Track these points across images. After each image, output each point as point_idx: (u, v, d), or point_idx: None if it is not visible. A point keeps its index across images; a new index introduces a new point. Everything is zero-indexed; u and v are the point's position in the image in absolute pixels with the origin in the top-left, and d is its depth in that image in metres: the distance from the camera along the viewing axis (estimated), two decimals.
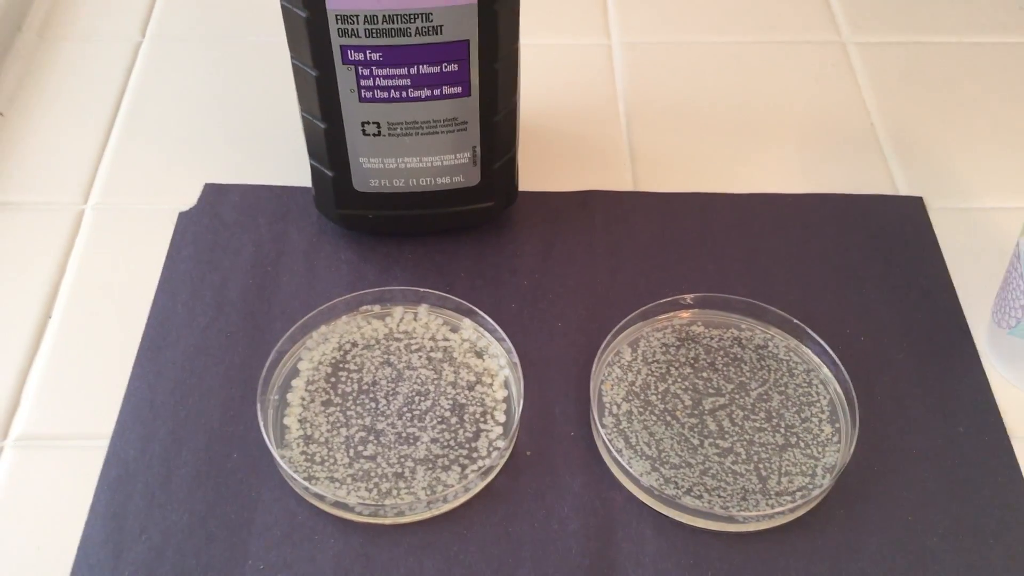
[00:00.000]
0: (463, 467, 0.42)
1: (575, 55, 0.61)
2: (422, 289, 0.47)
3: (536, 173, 0.53)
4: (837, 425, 0.43)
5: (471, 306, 0.46)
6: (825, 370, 0.45)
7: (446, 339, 0.46)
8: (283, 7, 0.41)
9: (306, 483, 0.40)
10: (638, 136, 0.56)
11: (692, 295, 0.46)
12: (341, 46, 0.41)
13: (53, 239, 0.50)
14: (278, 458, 0.41)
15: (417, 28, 0.40)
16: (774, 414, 0.43)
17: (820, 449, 0.42)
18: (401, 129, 0.44)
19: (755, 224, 0.52)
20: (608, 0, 0.64)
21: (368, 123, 0.44)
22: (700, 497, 0.40)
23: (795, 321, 0.45)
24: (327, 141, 0.45)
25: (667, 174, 0.54)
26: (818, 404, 0.44)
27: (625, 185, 0.54)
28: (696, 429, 0.43)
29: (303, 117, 0.46)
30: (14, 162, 0.53)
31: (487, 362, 0.45)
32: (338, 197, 0.48)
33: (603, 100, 0.58)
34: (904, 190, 0.54)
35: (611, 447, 0.41)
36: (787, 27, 0.63)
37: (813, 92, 0.59)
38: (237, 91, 0.58)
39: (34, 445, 0.43)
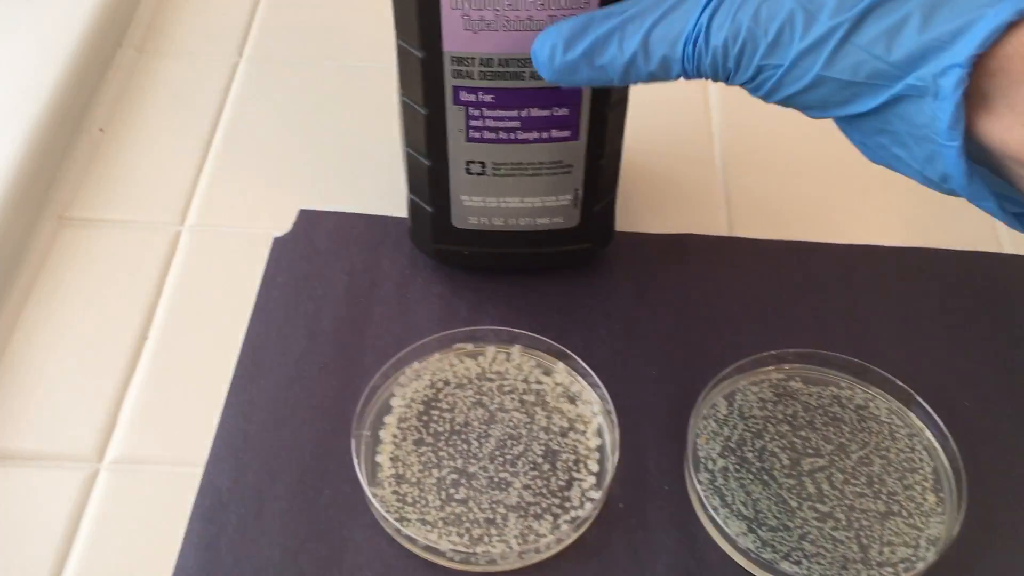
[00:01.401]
0: (555, 516, 0.41)
1: (671, 94, 0.60)
2: (515, 330, 0.46)
3: (629, 213, 0.53)
4: (942, 495, 0.42)
5: (564, 349, 0.46)
6: (929, 435, 0.44)
7: (539, 382, 0.46)
8: (399, 46, 0.41)
9: (398, 524, 0.40)
10: (734, 179, 0.55)
11: (792, 350, 0.45)
12: (454, 87, 0.41)
13: (151, 259, 0.50)
14: (371, 497, 0.40)
15: (532, 72, 0.40)
16: (875, 479, 0.42)
17: (924, 519, 0.41)
18: (505, 169, 0.44)
19: (856, 277, 0.50)
20: None
21: (473, 162, 0.44)
22: (799, 563, 0.39)
23: (898, 383, 0.44)
24: (429, 177, 0.45)
25: (763, 220, 0.53)
26: (921, 471, 0.42)
27: (720, 230, 0.53)
28: (794, 491, 0.42)
29: (406, 152, 0.46)
30: (113, 179, 0.54)
31: (580, 408, 0.45)
32: (436, 232, 0.47)
33: (698, 140, 0.58)
34: (1009, 248, 0.52)
35: (707, 504, 0.41)
36: None
37: None
38: (333, 116, 0.58)
39: (129, 469, 0.43)
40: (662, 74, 0.34)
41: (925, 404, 0.43)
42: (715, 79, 0.34)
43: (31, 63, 0.54)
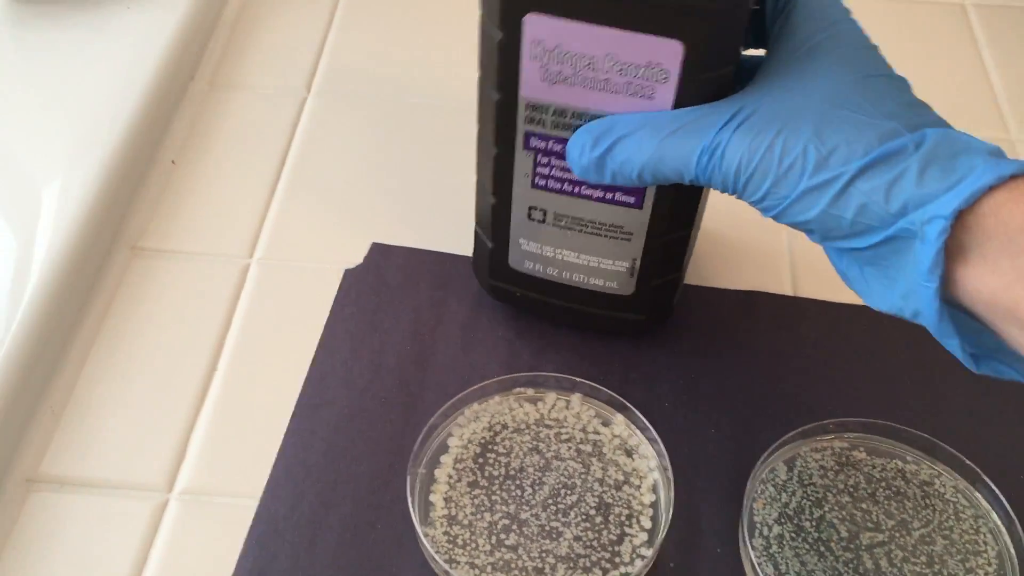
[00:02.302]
0: (604, 571, 0.41)
1: None
2: (577, 378, 0.46)
3: (698, 266, 0.53)
4: None
5: (624, 401, 0.45)
6: (995, 518, 0.42)
7: (597, 432, 0.46)
8: (480, 84, 0.42)
9: (447, 566, 0.40)
10: (797, 239, 0.55)
11: (857, 419, 0.45)
12: (526, 132, 0.41)
13: (220, 291, 0.51)
14: (422, 536, 0.41)
15: None
16: (936, 559, 0.41)
17: None
18: (566, 222, 0.44)
19: (925, 347, 0.49)
20: None
21: (535, 209, 0.44)
22: None
23: (967, 461, 0.43)
24: (493, 214, 0.46)
25: (828, 281, 0.53)
26: (985, 555, 0.41)
27: (785, 289, 0.52)
28: (851, 564, 0.41)
29: (478, 184, 0.46)
30: (184, 211, 0.55)
31: (636, 462, 0.45)
32: (492, 268, 0.48)
33: None
34: None
35: (760, 571, 0.40)
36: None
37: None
38: (402, 152, 0.59)
39: (197, 499, 0.44)
40: (675, 179, 0.37)
41: (992, 485, 0.42)
42: (723, 192, 0.36)
43: (107, 96, 0.56)
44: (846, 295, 0.51)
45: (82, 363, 0.48)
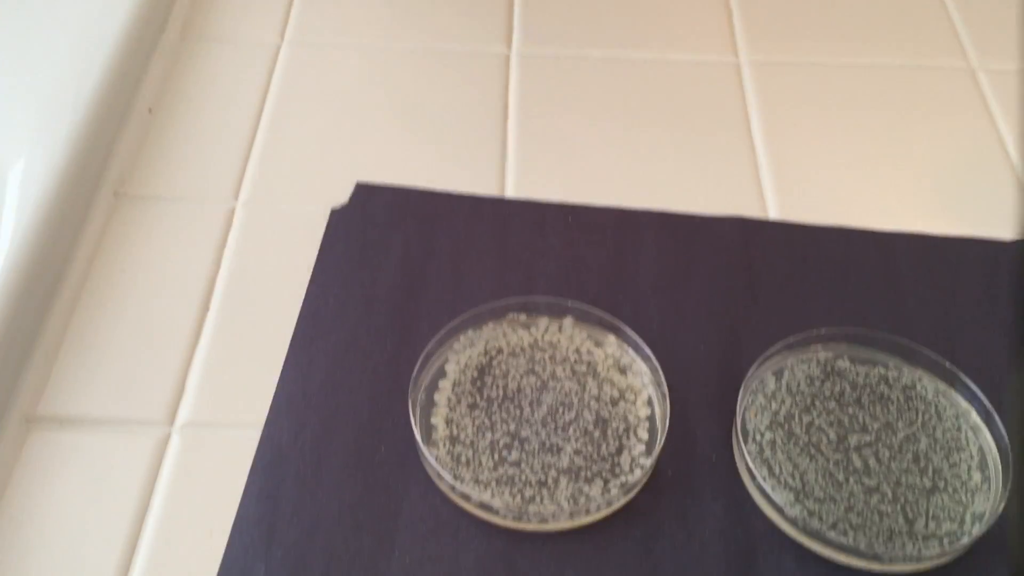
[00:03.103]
0: (606, 481, 0.42)
1: (697, 64, 0.62)
2: (568, 302, 0.47)
3: (669, 187, 0.54)
4: (987, 473, 0.42)
5: (615, 321, 0.47)
6: (975, 416, 0.44)
7: (590, 353, 0.47)
8: None
9: (453, 481, 0.41)
10: (776, 162, 0.56)
11: (840, 328, 0.46)
12: None
13: (207, 234, 0.51)
14: (428, 455, 0.41)
15: None
16: (921, 456, 0.43)
17: (969, 496, 0.42)
18: None
19: (898, 262, 0.51)
20: (735, 18, 0.64)
21: None
22: (845, 534, 0.40)
23: (946, 364, 0.45)
24: None
25: (807, 204, 0.54)
26: (967, 450, 0.43)
27: (761, 213, 0.54)
28: (841, 464, 0.42)
29: None
30: (165, 158, 0.55)
31: (630, 379, 0.46)
32: None
33: (734, 120, 0.58)
34: None
35: (756, 474, 0.41)
36: (917, 52, 0.63)
37: (949, 124, 0.58)
38: (380, 94, 0.59)
39: (198, 432, 0.44)
40: None
41: (971, 384, 0.44)
42: None
43: (80, 47, 0.56)
44: (821, 216, 0.53)
45: (74, 305, 0.48)
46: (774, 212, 0.54)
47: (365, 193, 0.54)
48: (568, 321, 0.48)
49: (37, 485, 0.42)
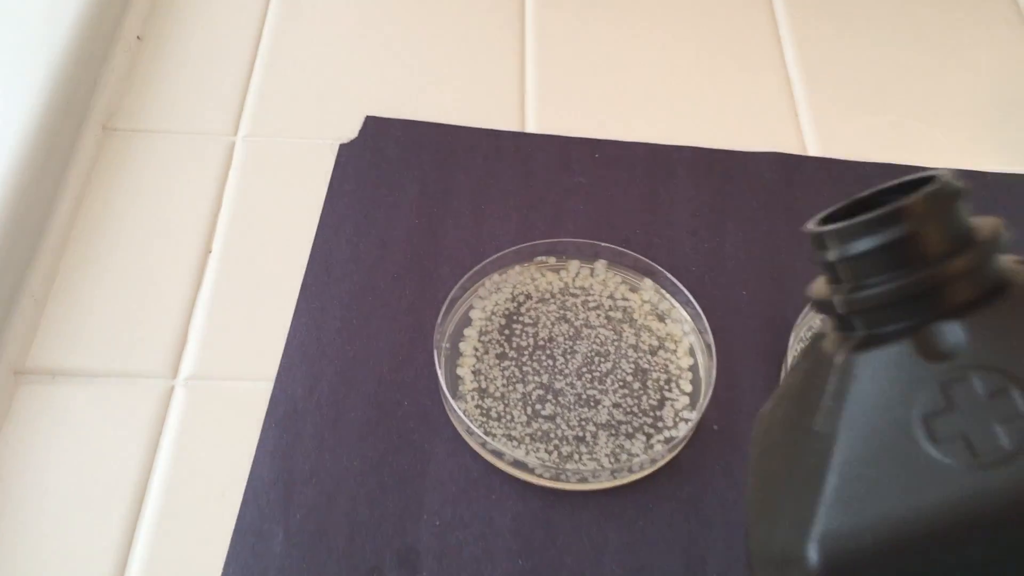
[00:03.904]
0: (648, 436, 0.39)
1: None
2: (601, 243, 0.44)
3: (700, 121, 0.50)
4: None
5: (652, 264, 0.43)
6: None
7: (625, 299, 0.43)
8: None
9: (485, 437, 0.38)
10: (813, 94, 0.53)
11: None
12: None
13: (205, 171, 0.47)
14: (458, 410, 0.38)
15: None
16: None
17: None
18: None
19: None
20: None
21: None
22: None
23: None
24: None
25: (848, 140, 0.51)
26: None
27: (799, 149, 0.50)
28: None
29: None
30: (156, 89, 0.51)
31: (670, 327, 0.42)
32: None
33: (766, 49, 0.55)
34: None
35: None
36: None
37: (996, 57, 0.55)
38: (390, 18, 0.55)
39: (204, 385, 0.41)
40: None
41: None
42: None
43: None
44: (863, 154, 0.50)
45: (62, 248, 0.44)
46: (813, 148, 0.50)
47: (375, 127, 0.50)
48: (601, 264, 0.44)
49: (28, 443, 0.38)
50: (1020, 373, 0.18)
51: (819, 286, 0.22)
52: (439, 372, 0.39)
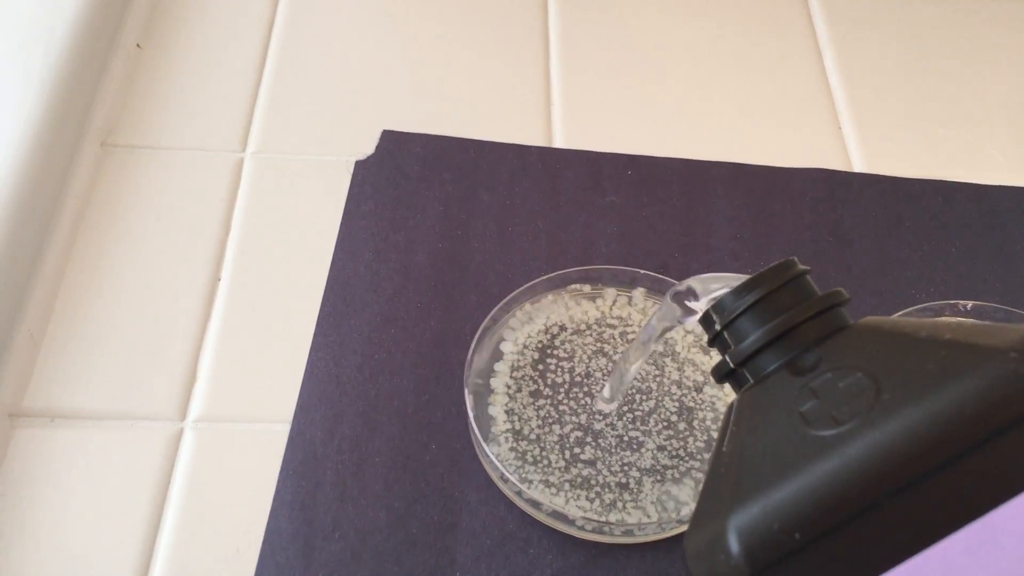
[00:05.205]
0: (697, 482, 0.36)
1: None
2: (639, 270, 0.41)
3: (738, 136, 0.47)
4: None
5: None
6: None
7: None
8: None
9: (520, 485, 0.35)
10: (857, 108, 0.50)
11: (971, 302, 0.40)
12: None
13: (212, 191, 0.44)
14: (491, 454, 0.35)
15: None
16: None
17: None
18: None
19: (1006, 220, 0.45)
20: None
21: None
22: None
23: None
24: None
25: (894, 155, 0.48)
26: None
27: (844, 166, 0.47)
28: None
29: None
30: (158, 102, 0.47)
31: (716, 360, 0.39)
32: None
33: (806, 60, 0.52)
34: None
35: None
36: None
37: None
38: (409, 27, 0.52)
39: (214, 428, 0.37)
40: None
41: None
42: None
43: None
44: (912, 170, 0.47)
45: (59, 279, 0.41)
46: (859, 164, 0.48)
47: (393, 142, 0.47)
48: (639, 292, 0.41)
49: (25, 493, 0.35)
50: (862, 365, 0.23)
51: (717, 363, 0.28)
52: (469, 412, 0.36)
